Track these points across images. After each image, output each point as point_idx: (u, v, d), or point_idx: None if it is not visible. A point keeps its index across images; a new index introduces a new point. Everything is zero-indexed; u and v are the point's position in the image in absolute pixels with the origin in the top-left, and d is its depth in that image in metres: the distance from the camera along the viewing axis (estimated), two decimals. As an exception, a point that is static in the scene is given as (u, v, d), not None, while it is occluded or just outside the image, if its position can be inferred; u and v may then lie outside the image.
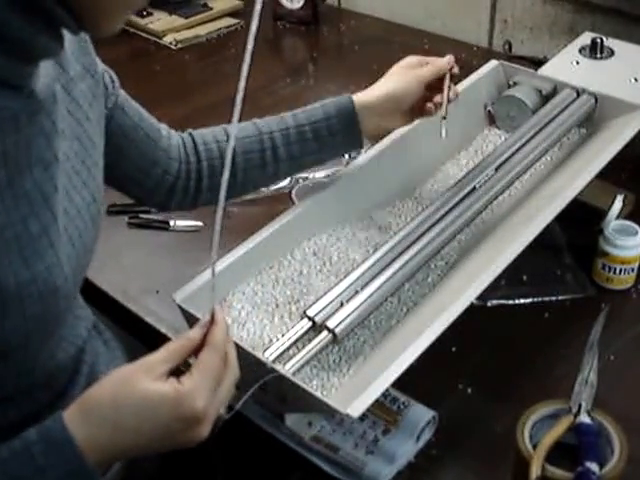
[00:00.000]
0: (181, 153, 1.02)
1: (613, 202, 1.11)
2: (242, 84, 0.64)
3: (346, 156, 1.34)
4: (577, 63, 1.37)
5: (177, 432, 0.68)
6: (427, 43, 1.80)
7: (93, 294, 1.15)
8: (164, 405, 0.67)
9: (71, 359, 0.88)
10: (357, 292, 0.94)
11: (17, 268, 0.68)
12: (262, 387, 0.85)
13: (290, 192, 1.31)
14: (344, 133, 1.04)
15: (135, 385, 0.67)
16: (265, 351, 0.88)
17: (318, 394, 0.82)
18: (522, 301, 1.09)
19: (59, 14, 0.65)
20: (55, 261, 0.73)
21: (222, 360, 0.70)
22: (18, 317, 0.70)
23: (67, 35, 0.80)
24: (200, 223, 1.27)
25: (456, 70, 1.08)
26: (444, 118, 1.06)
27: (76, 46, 0.82)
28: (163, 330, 1.08)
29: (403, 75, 1.06)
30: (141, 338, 1.14)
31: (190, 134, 1.04)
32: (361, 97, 1.05)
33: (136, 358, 0.70)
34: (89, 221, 0.80)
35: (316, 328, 0.91)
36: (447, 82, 1.07)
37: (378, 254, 0.99)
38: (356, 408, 0.79)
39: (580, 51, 1.39)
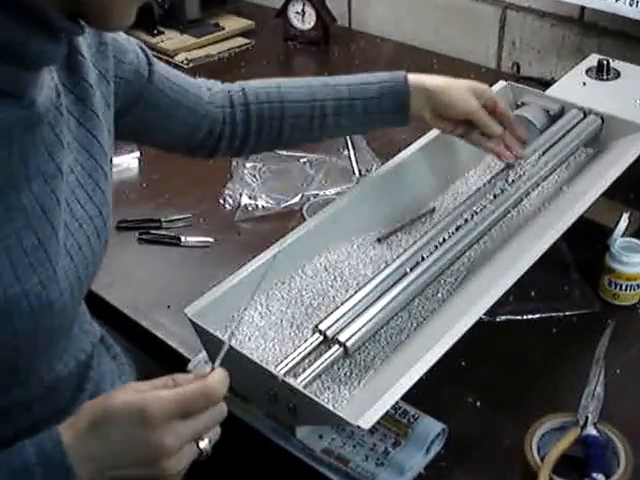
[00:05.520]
0: (226, 114, 1.06)
1: (619, 220, 1.12)
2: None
3: (356, 173, 1.36)
4: (584, 84, 1.37)
5: (137, 438, 0.65)
6: (436, 64, 1.81)
7: (104, 309, 1.16)
8: (125, 410, 0.65)
9: (74, 374, 0.86)
10: (368, 307, 0.94)
11: (7, 282, 0.66)
12: (274, 400, 0.86)
13: (301, 209, 1.32)
14: (393, 113, 1.09)
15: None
16: (277, 365, 0.87)
17: (330, 406, 0.82)
18: (530, 316, 1.09)
19: (53, 15, 0.63)
20: (51, 275, 0.70)
21: (204, 396, 0.67)
22: (6, 332, 0.68)
23: (87, 40, 0.79)
24: (211, 239, 1.28)
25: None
26: None
27: (94, 50, 0.81)
28: (174, 345, 1.08)
29: (459, 84, 1.10)
30: (152, 353, 1.14)
31: (243, 90, 1.07)
32: (415, 81, 1.08)
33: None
34: (92, 235, 0.78)
35: (327, 342, 0.91)
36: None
37: (389, 270, 0.99)
38: (367, 420, 0.79)
39: (587, 72, 1.40)
